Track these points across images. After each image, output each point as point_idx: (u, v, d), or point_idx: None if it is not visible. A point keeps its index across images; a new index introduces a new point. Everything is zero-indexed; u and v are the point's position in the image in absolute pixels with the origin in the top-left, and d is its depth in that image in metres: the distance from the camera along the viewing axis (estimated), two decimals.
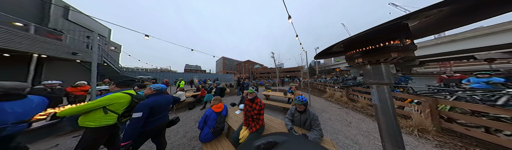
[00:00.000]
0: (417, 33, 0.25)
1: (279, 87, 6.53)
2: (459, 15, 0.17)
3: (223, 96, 2.55)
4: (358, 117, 1.81)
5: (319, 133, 0.78)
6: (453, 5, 0.14)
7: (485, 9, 0.15)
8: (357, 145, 1.08)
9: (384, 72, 0.28)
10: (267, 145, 0.29)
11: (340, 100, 2.83)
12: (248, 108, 0.94)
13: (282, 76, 20.98)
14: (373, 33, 0.23)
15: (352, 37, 0.25)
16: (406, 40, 0.24)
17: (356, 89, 2.65)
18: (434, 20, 0.19)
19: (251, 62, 45.11)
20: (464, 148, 0.95)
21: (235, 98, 3.69)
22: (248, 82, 3.98)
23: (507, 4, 0.13)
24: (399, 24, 0.20)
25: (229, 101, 3.30)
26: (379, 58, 0.26)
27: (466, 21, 0.18)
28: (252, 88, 0.95)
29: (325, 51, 0.33)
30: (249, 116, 0.91)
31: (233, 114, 1.38)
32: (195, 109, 2.45)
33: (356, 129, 1.43)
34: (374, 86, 0.29)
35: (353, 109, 2.19)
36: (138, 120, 0.70)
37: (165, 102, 0.89)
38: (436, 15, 0.17)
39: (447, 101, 1.19)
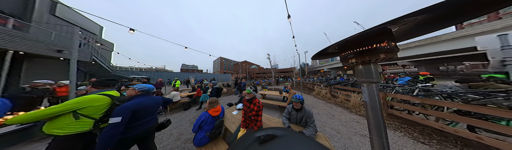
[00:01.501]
0: (399, 37, 0.27)
1: (274, 86, 6.63)
2: (429, 23, 0.20)
3: (219, 96, 2.25)
4: (338, 110, 2.04)
5: (314, 129, 0.78)
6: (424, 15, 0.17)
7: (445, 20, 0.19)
8: (339, 134, 1.23)
9: (373, 72, 0.28)
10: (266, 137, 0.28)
11: (325, 97, 3.06)
12: (246, 108, 0.87)
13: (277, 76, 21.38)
14: (364, 36, 0.24)
15: (346, 39, 0.25)
16: (392, 43, 0.25)
17: (336, 87, 2.94)
18: (411, 27, 0.22)
19: (248, 63, 44.68)
20: (399, 126, 1.31)
21: (232, 98, 3.49)
22: (245, 81, 3.79)
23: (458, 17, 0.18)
24: (385, 29, 0.22)
25: (226, 101, 3.14)
26: (370, 59, 0.27)
27: (433, 28, 0.22)
28: (250, 88, 0.85)
29: (321, 52, 0.34)
30: (249, 116, 0.85)
31: (230, 114, 1.25)
32: (191, 110, 2.24)
33: (338, 120, 1.59)
34: (365, 84, 0.29)
35: (335, 104, 2.44)
36: (116, 126, 0.56)
37: (152, 104, 0.73)
38: (412, 23, 0.20)
39: (390, 94, 1.56)
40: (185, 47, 4.05)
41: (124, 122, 0.58)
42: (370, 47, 0.24)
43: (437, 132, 1.11)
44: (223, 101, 3.09)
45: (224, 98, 3.55)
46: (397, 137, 1.11)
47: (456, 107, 1.00)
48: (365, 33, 0.22)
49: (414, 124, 1.28)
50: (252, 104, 0.83)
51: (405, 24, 0.21)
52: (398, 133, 1.17)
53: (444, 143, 0.98)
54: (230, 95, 4.15)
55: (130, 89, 0.74)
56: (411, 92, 1.50)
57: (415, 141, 1.04)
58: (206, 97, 2.27)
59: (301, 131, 0.77)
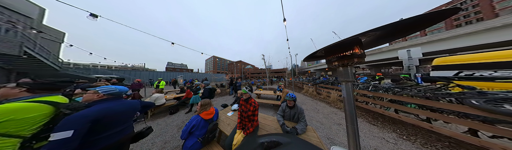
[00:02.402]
0: (366, 46, 0.34)
1: (268, 85, 6.83)
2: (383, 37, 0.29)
3: (212, 97, 1.99)
4: (322, 105, 2.34)
5: (304, 124, 0.85)
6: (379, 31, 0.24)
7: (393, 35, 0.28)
8: (322, 125, 1.42)
9: (350, 73, 0.34)
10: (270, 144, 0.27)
11: (312, 94, 3.46)
12: (243, 108, 0.83)
13: (271, 76, 22.08)
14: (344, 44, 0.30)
15: (331, 45, 0.31)
16: (361, 50, 0.31)
17: (320, 85, 3.42)
18: (373, 39, 0.30)
19: (243, 63, 43.32)
20: (360, 114, 1.69)
21: (227, 98, 3.28)
22: (240, 81, 3.66)
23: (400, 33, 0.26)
24: (357, 39, 0.28)
25: (220, 102, 2.80)
26: (348, 62, 0.32)
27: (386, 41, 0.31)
28: (246, 88, 0.84)
29: (312, 55, 0.39)
30: (245, 117, 0.81)
31: (225, 116, 1.16)
32: (179, 113, 1.95)
33: (321, 114, 1.83)
34: (344, 83, 0.35)
35: (319, 100, 2.78)
36: (63, 144, 0.38)
37: (124, 109, 0.57)
38: (374, 36, 0.27)
39: (356, 90, 1.98)
40: (172, 43, 3.47)
41: (79, 136, 0.41)
42: (348, 53, 0.31)
43: (381, 116, 1.54)
44: (217, 102, 2.85)
45: (218, 99, 3.31)
46: (359, 122, 1.45)
47: (388, 97, 1.44)
48: (344, 41, 0.28)
49: (368, 111, 1.71)
50: (248, 104, 0.81)
51: (369, 36, 0.28)
52: (359, 119, 1.52)
53: (385, 123, 1.38)
54: (224, 95, 3.90)
55: (89, 93, 0.54)
56: (367, 88, 1.95)
57: (369, 124, 1.39)
58: (198, 98, 2.01)
59: (294, 127, 0.82)
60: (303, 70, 27.82)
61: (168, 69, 39.36)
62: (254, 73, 33.11)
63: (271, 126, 0.92)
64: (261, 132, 0.84)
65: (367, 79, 3.16)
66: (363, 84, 2.31)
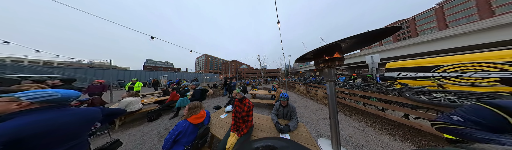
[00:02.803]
0: (344, 51, 0.42)
1: (264, 85, 6.96)
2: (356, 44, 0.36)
3: (204, 99, 1.79)
4: (311, 102, 2.57)
5: (296, 121, 0.91)
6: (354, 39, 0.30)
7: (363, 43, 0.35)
8: (311, 120, 1.58)
9: (333, 74, 0.41)
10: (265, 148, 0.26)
11: (303, 93, 3.79)
12: (238, 109, 0.81)
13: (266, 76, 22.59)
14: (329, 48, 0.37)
15: (316, 49, 0.36)
16: (341, 54, 0.38)
17: (310, 85, 3.82)
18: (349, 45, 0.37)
19: (238, 62, 42.03)
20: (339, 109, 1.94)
21: (220, 100, 3.07)
22: (235, 81, 3.52)
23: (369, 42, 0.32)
24: (338, 45, 0.35)
25: (213, 103, 2.66)
26: (332, 64, 0.39)
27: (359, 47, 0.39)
28: (239, 88, 0.83)
29: (302, 56, 0.45)
30: (240, 118, 0.79)
31: (218, 119, 1.09)
32: (161, 119, 1.67)
33: (310, 110, 2.01)
34: (328, 82, 0.41)
35: (309, 98, 3.06)
36: None
37: (71, 122, 0.41)
38: (350, 43, 0.34)
39: (337, 88, 2.30)
40: (152, 38, 2.89)
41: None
42: (331, 56, 0.36)
43: (354, 109, 1.89)
44: (209, 104, 2.66)
45: (211, 101, 3.08)
46: (338, 116, 1.71)
47: (359, 93, 1.81)
48: (328, 46, 0.34)
49: (345, 106, 2.05)
50: (243, 104, 0.79)
51: (346, 43, 0.34)
52: (339, 113, 1.81)
53: (356, 114, 1.71)
54: (217, 96, 3.65)
55: (4, 100, 0.37)
56: (345, 86, 2.27)
57: (346, 116, 1.68)
58: (185, 101, 1.79)
59: (287, 124, 0.86)
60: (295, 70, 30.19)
61: (146, 68, 32.46)
62: (249, 73, 32.81)
63: (265, 125, 0.94)
64: (256, 132, 0.83)
65: (345, 78, 3.85)
66: (342, 82, 2.73)
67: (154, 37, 2.90)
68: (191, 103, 0.79)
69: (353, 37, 0.28)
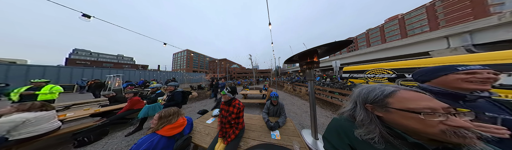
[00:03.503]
0: (320, 56, 0.52)
1: (255, 85, 7.04)
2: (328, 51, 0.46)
3: (185, 103, 1.42)
4: (296, 99, 2.96)
5: (284, 117, 0.97)
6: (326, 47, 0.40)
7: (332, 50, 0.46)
8: (296, 115, 1.81)
9: (312, 74, 0.50)
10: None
11: (290, 91, 4.31)
12: (224, 113, 0.74)
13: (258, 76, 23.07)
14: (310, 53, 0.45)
15: (301, 53, 0.45)
16: (318, 58, 0.47)
17: (295, 83, 4.44)
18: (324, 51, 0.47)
19: (228, 61, 38.35)
20: (316, 102, 2.30)
21: (206, 103, 2.73)
22: (224, 82, 3.17)
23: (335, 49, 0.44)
24: (316, 50, 0.43)
25: (198, 107, 2.33)
26: (311, 66, 0.47)
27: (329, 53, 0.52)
28: (226, 90, 0.73)
29: (290, 59, 0.52)
30: (226, 123, 0.71)
31: (203, 125, 0.95)
32: (108, 139, 1.13)
33: (296, 106, 2.31)
34: (309, 81, 0.50)
35: (295, 95, 3.52)
36: None
37: None
38: (324, 49, 0.44)
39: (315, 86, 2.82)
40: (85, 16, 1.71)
41: None
42: (312, 60, 0.46)
43: (326, 102, 2.43)
44: (193, 109, 2.28)
45: (195, 104, 2.65)
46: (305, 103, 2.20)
47: (328, 89, 2.40)
48: (309, 50, 0.42)
49: (320, 100, 2.58)
50: (231, 106, 0.72)
51: (321, 49, 0.44)
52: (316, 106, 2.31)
53: (327, 106, 2.20)
54: (203, 99, 3.19)
55: None
56: (319, 84, 2.83)
57: (320, 108, 2.12)
58: (157, 108, 1.35)
59: (276, 121, 0.91)
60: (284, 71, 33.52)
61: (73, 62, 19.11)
62: (240, 73, 31.71)
63: (257, 125, 0.95)
64: (247, 132, 0.82)
65: (319, 78, 4.91)
66: (317, 81, 3.48)
67: (90, 15, 1.72)
68: (164, 111, 0.62)
69: (325, 45, 0.37)
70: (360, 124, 0.24)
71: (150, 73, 7.94)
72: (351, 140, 0.25)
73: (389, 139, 0.21)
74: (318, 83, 3.07)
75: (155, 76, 8.20)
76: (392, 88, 0.23)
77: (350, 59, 8.31)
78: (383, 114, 0.23)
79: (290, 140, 0.69)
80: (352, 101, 0.28)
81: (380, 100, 0.23)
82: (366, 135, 0.23)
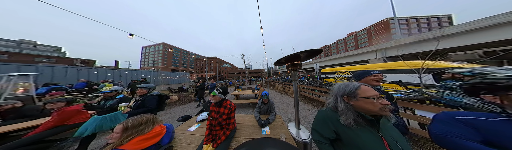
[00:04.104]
0: (302, 59, 0.62)
1: (248, 85, 7.01)
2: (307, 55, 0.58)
3: (162, 109, 1.07)
4: (285, 97, 3.33)
5: (274, 114, 1.07)
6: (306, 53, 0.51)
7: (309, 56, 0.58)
8: (285, 111, 2.04)
9: (296, 75, 0.59)
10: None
11: (280, 90, 4.71)
12: (214, 114, 0.71)
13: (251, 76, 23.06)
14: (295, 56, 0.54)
15: (287, 56, 0.54)
16: (301, 61, 0.57)
17: (285, 83, 4.92)
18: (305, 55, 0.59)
19: (219, 60, 34.35)
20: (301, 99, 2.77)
21: (190, 107, 2.36)
22: (214, 82, 2.74)
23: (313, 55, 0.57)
24: (299, 54, 0.53)
25: (179, 113, 2.01)
26: (295, 68, 0.56)
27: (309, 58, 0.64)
28: (216, 90, 0.71)
29: (278, 61, 0.61)
30: (215, 125, 0.68)
31: (185, 133, 0.83)
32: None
33: (285, 103, 2.61)
34: (293, 81, 0.59)
35: (284, 93, 4.00)
36: None
37: None
38: (305, 54, 0.55)
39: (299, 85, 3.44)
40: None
41: None
42: (296, 62, 0.55)
43: (308, 98, 2.88)
44: (172, 115, 1.93)
45: (175, 110, 2.24)
46: (300, 104, 2.48)
47: (310, 87, 2.88)
48: (293, 55, 0.51)
49: (304, 96, 3.02)
50: (222, 107, 0.70)
51: (303, 54, 0.54)
52: (300, 102, 2.61)
53: (309, 101, 2.61)
54: (186, 103, 2.74)
55: None
56: (304, 83, 3.62)
57: (304, 103, 2.48)
58: (119, 118, 0.99)
59: (267, 118, 0.99)
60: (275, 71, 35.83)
61: None
62: (232, 73, 30.30)
63: (248, 124, 0.97)
64: (239, 132, 0.82)
65: (304, 78, 5.76)
66: (302, 81, 4.16)
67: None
68: (131, 119, 0.47)
69: (304, 51, 0.48)
70: (341, 112, 0.33)
71: (99, 71, 5.32)
72: (336, 126, 0.33)
73: (357, 119, 0.31)
74: (303, 82, 3.66)
75: (110, 75, 5.64)
76: (358, 83, 0.34)
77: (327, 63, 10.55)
78: (354, 102, 0.33)
79: (278, 134, 0.77)
80: (333, 95, 0.37)
81: (353, 92, 0.33)
82: (346, 120, 0.31)
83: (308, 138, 0.60)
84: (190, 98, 3.19)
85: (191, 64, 38.87)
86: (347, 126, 0.32)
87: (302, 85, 3.28)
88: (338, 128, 0.33)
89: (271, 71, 26.57)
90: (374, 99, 0.30)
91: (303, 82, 3.84)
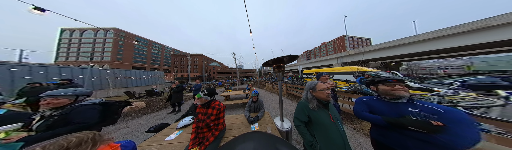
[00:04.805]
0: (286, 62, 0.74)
1: (239, 86, 6.81)
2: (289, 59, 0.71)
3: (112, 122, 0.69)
4: (275, 95, 3.64)
5: (263, 111, 1.16)
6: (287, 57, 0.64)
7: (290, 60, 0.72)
8: (274, 108, 2.25)
9: (281, 75, 0.70)
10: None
11: (270, 89, 5.04)
12: (200, 116, 0.67)
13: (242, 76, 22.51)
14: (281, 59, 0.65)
15: (274, 59, 0.64)
16: (284, 64, 0.68)
17: (274, 83, 5.37)
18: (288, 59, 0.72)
19: (205, 58, 28.95)
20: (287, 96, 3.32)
21: (163, 115, 1.91)
22: (200, 83, 2.50)
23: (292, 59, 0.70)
24: (282, 58, 0.65)
25: (147, 125, 1.55)
26: (279, 70, 0.66)
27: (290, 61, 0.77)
28: (201, 92, 0.68)
29: (266, 62, 0.69)
30: (203, 127, 0.65)
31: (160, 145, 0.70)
32: None
33: (274, 101, 2.87)
34: (279, 81, 0.70)
35: (273, 92, 4.34)
36: None
37: None
38: (287, 58, 0.68)
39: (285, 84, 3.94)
40: None
41: None
42: (280, 64, 0.66)
43: (293, 95, 3.37)
44: (136, 129, 1.48)
45: (140, 121, 1.70)
46: (284, 100, 2.86)
47: (294, 86, 3.39)
48: (280, 57, 0.62)
49: (289, 94, 3.48)
50: (211, 108, 0.68)
51: (286, 58, 0.67)
52: (287, 99, 2.98)
53: (294, 98, 3.08)
54: (159, 110, 2.19)
55: None
56: (291, 83, 4.20)
57: (289, 100, 2.87)
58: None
59: (256, 115, 1.06)
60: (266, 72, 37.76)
61: None
62: (222, 73, 27.79)
63: (238, 123, 0.99)
64: (228, 132, 0.82)
65: (290, 78, 6.62)
66: (288, 80, 4.77)
67: None
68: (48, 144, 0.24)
69: (287, 56, 0.62)
70: (309, 101, 0.52)
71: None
72: (308, 111, 0.52)
73: (318, 104, 0.51)
74: (289, 82, 4.23)
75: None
76: (317, 81, 0.57)
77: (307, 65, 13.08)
78: (315, 93, 0.53)
79: (265, 128, 0.87)
80: (306, 90, 0.56)
81: (313, 87, 0.53)
82: (312, 106, 0.51)
83: (289, 127, 0.74)
84: (164, 104, 2.54)
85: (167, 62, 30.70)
86: (313, 109, 0.51)
87: (288, 84, 3.75)
88: (309, 112, 0.52)
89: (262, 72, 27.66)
90: (323, 90, 0.51)
91: (289, 81, 4.38)
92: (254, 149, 0.26)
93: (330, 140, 0.46)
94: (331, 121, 0.49)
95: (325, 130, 0.48)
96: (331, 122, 0.48)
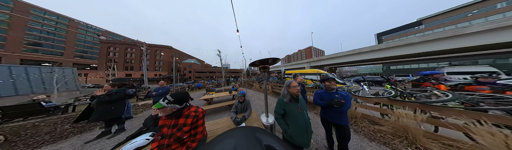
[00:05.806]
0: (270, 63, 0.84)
1: (224, 87, 6.20)
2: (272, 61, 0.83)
3: None
4: (261, 94, 3.99)
5: (250, 110, 1.19)
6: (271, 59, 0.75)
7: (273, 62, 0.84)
8: (260, 106, 2.43)
9: (267, 75, 0.78)
10: None
11: (258, 89, 5.27)
12: (165, 131, 0.52)
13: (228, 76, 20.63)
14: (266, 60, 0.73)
15: (258, 60, 0.71)
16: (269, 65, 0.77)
17: (261, 83, 5.65)
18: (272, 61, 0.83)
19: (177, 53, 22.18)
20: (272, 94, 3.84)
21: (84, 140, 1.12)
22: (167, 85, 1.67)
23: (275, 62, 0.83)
24: (268, 59, 0.74)
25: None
26: (266, 70, 0.74)
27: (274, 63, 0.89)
28: (163, 100, 0.52)
29: (253, 63, 0.71)
30: (169, 144, 0.51)
31: None
32: None
33: (261, 100, 3.07)
34: (264, 80, 0.76)
35: (261, 91, 4.63)
36: None
37: None
38: (271, 60, 0.78)
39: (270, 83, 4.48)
40: None
41: None
42: (265, 65, 0.74)
43: (276, 92, 3.86)
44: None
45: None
46: (269, 97, 3.18)
47: (278, 85, 3.93)
48: (265, 59, 0.70)
49: (276, 92, 3.92)
50: (183, 118, 0.54)
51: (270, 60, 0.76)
52: (272, 97, 3.32)
53: (277, 95, 3.53)
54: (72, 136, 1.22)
55: None
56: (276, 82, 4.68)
57: (273, 97, 3.26)
58: None
59: (243, 116, 1.06)
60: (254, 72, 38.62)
61: None
62: (203, 73, 23.17)
63: (224, 127, 0.92)
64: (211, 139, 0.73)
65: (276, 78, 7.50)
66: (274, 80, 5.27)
67: None
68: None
69: (270, 58, 0.73)
70: (285, 96, 0.68)
71: None
72: (284, 105, 0.66)
73: (291, 98, 0.67)
74: (274, 81, 4.72)
75: None
76: (291, 80, 0.75)
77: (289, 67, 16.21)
78: (289, 90, 0.69)
79: (252, 125, 0.91)
80: (284, 87, 0.71)
81: (289, 84, 0.70)
82: (286, 99, 0.67)
83: (272, 121, 0.86)
84: (82, 126, 1.40)
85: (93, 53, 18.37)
86: (287, 103, 0.67)
87: (273, 83, 4.18)
88: (285, 105, 0.67)
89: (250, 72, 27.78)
90: (295, 87, 0.68)
91: (274, 81, 4.91)
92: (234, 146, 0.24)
93: (297, 125, 0.62)
94: (299, 111, 0.65)
95: (294, 118, 0.64)
96: (299, 112, 0.64)
